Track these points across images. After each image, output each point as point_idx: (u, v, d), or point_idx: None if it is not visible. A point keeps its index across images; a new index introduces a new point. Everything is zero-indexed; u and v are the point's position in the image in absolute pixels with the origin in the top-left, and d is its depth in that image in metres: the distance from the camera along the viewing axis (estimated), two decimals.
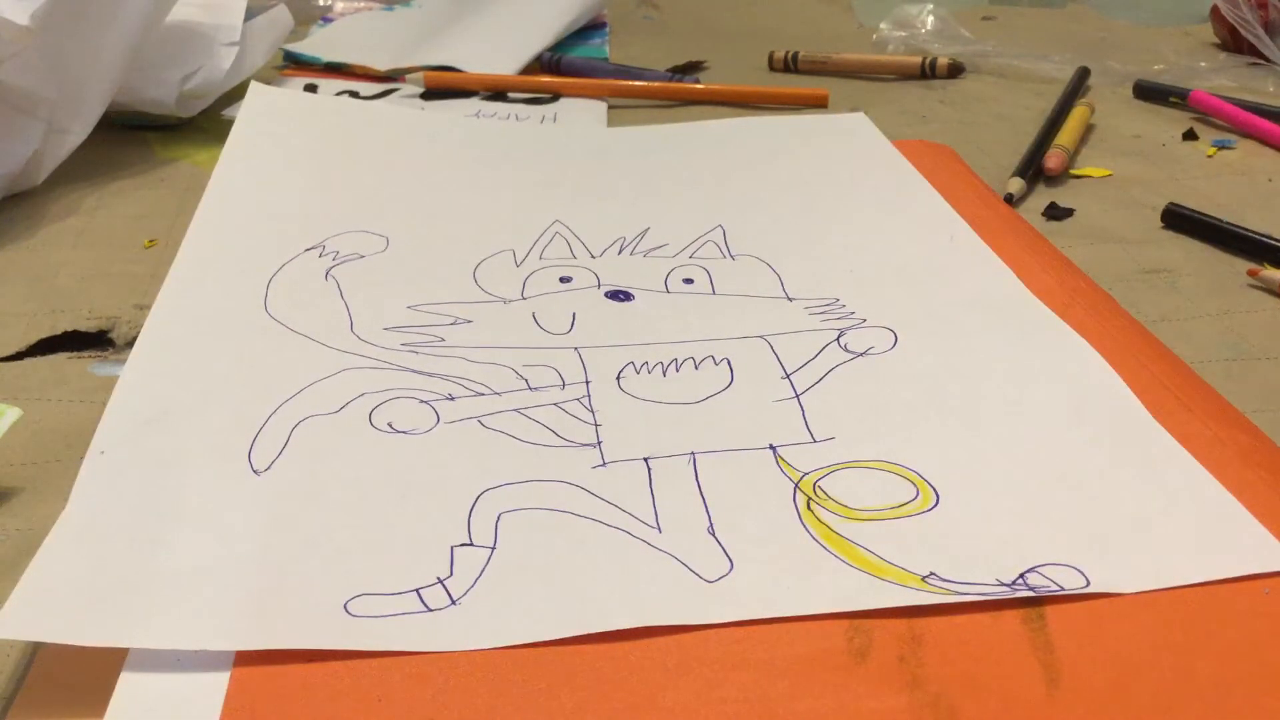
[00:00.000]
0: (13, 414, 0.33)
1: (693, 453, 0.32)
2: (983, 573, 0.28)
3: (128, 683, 0.24)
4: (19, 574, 0.27)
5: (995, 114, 0.67)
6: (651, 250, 0.45)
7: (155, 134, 0.61)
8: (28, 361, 0.40)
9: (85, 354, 0.41)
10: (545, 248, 0.45)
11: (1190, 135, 0.63)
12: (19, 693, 0.25)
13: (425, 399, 0.34)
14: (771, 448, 0.33)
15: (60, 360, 0.40)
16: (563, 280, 0.42)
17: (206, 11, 0.62)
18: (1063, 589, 0.27)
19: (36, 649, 0.26)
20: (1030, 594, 0.27)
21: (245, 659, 0.25)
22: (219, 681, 0.25)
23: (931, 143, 0.57)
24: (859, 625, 0.26)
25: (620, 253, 0.45)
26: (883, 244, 0.45)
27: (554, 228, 0.46)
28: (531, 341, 0.38)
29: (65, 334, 0.41)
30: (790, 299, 0.41)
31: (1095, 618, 0.27)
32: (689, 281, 0.43)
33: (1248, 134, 0.63)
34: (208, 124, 0.62)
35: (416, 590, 0.27)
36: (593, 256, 0.44)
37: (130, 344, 0.39)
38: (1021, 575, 0.28)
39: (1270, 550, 0.28)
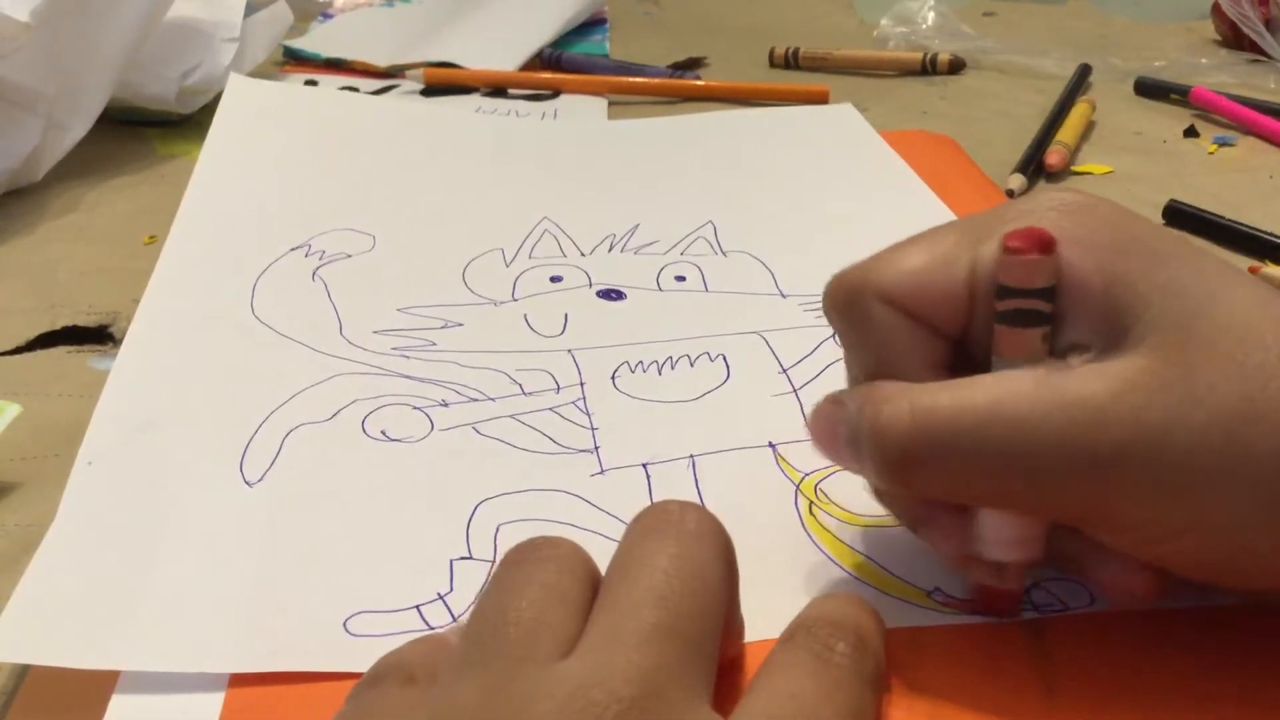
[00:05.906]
0: (12, 410, 0.33)
1: (692, 455, 0.32)
2: None
3: (119, 705, 0.24)
4: (19, 569, 0.27)
5: (996, 110, 0.67)
6: (642, 247, 0.44)
7: (155, 130, 0.61)
8: (27, 356, 0.40)
9: (85, 348, 0.40)
10: (534, 246, 0.44)
11: (1191, 132, 0.63)
12: (7, 714, 0.25)
13: (418, 405, 0.34)
14: (771, 445, 0.33)
15: (60, 355, 0.40)
16: (553, 280, 0.42)
17: (206, 7, 0.62)
18: (1068, 607, 0.27)
19: (26, 670, 0.26)
20: (1036, 615, 0.27)
21: (240, 679, 0.25)
22: (213, 702, 0.24)
23: (932, 133, 0.57)
24: None
25: (611, 250, 0.44)
26: (873, 238, 0.45)
27: (542, 225, 0.46)
28: (524, 344, 0.38)
29: (65, 329, 0.41)
30: (784, 295, 0.41)
31: (1093, 626, 0.26)
32: (681, 279, 0.42)
33: (1249, 131, 0.63)
34: (208, 120, 0.61)
35: (417, 607, 0.27)
36: (582, 254, 0.44)
37: None
38: (1026, 592, 0.27)
39: None
